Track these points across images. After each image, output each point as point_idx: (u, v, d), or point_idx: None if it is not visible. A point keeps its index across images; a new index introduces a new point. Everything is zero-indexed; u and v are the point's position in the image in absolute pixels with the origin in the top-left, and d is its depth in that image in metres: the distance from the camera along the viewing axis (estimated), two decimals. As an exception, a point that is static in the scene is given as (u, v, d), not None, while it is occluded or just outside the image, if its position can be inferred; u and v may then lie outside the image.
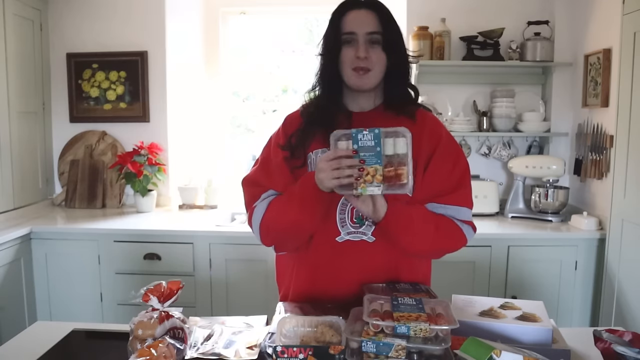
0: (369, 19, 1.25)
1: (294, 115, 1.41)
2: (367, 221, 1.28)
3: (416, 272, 1.37)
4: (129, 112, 3.19)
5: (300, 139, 1.32)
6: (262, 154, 1.42)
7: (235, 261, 2.62)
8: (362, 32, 1.25)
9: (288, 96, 3.68)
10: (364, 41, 1.25)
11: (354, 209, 1.28)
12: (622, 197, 2.39)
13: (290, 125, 1.37)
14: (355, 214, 1.29)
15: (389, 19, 1.28)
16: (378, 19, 1.26)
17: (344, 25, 1.26)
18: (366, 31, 1.25)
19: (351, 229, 1.29)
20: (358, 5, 1.27)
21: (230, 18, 3.50)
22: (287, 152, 1.32)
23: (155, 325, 1.16)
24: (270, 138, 1.43)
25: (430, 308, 1.14)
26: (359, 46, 1.25)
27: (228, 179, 3.45)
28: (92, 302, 2.68)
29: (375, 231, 1.28)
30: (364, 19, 1.25)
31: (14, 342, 1.36)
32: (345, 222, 1.29)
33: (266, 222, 1.31)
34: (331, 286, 1.32)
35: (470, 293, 2.00)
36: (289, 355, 1.06)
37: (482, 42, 2.96)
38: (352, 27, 1.25)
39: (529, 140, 3.15)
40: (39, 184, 3.11)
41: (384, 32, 1.26)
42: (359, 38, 1.25)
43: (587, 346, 1.23)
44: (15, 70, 2.81)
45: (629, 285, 2.33)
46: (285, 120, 1.41)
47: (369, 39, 1.25)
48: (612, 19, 2.54)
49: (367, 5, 1.27)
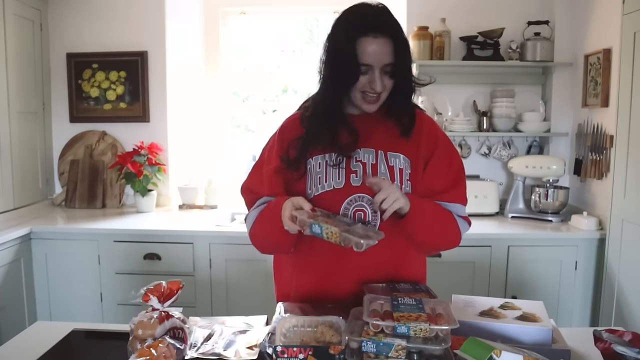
0: (385, 50, 1.23)
1: (292, 120, 1.40)
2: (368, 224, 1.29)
3: (415, 268, 1.40)
4: (129, 112, 3.19)
5: (300, 149, 1.32)
6: (258, 160, 1.43)
7: (235, 261, 2.62)
8: (378, 65, 1.24)
9: (288, 96, 3.68)
10: (380, 73, 1.25)
11: (356, 212, 1.29)
12: (622, 197, 2.39)
13: (288, 133, 1.36)
14: (358, 218, 1.29)
15: (404, 46, 1.26)
16: (393, 48, 1.23)
17: (361, 55, 1.22)
18: (383, 63, 1.24)
19: None
20: (377, 30, 1.22)
21: (230, 18, 3.50)
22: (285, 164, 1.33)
23: (155, 325, 1.16)
24: (266, 144, 1.43)
25: (430, 308, 1.14)
26: (375, 79, 1.24)
27: (228, 179, 3.46)
28: (92, 302, 2.68)
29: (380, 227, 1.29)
30: (382, 50, 1.22)
31: (14, 342, 1.36)
32: None
33: (253, 234, 1.38)
34: (334, 286, 1.32)
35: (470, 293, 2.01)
36: (289, 355, 1.06)
37: (482, 42, 2.96)
38: (370, 60, 1.23)
39: (529, 140, 3.15)
40: (39, 184, 3.11)
41: (397, 62, 1.25)
42: (374, 70, 1.24)
43: (587, 346, 1.24)
44: (15, 70, 2.81)
45: (629, 285, 2.33)
46: (283, 128, 1.40)
47: (383, 70, 1.25)
48: (612, 19, 2.54)
49: (385, 33, 1.23)
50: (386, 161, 1.31)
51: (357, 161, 1.31)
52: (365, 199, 1.29)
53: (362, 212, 1.29)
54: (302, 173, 1.33)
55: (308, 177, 1.33)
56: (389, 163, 1.31)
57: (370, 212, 1.29)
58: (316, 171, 1.32)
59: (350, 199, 1.29)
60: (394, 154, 1.32)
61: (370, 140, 1.32)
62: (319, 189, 1.31)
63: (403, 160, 1.33)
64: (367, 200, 1.29)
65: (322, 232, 1.16)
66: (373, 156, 1.31)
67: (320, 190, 1.31)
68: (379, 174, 1.30)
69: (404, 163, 1.32)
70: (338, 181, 1.30)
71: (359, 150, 1.31)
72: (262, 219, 1.33)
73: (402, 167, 1.32)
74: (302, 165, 1.32)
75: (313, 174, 1.32)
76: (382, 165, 1.31)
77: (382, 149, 1.32)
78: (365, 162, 1.31)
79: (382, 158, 1.31)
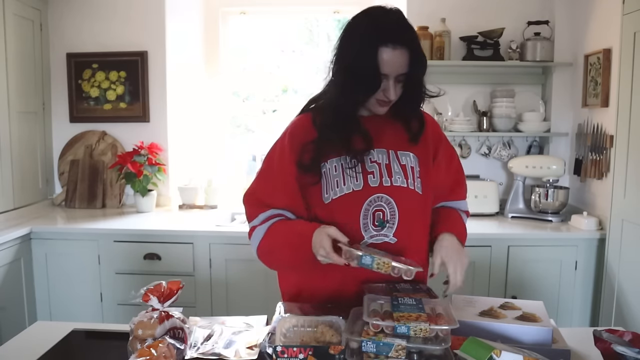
0: (402, 60, 1.23)
1: (302, 123, 1.37)
2: (387, 223, 1.29)
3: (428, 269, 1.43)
4: (129, 112, 3.19)
5: (316, 152, 1.31)
6: (264, 166, 1.40)
7: (235, 261, 2.62)
8: (393, 74, 1.25)
9: (288, 96, 3.68)
10: (394, 82, 1.26)
11: (375, 213, 1.30)
12: (622, 197, 2.39)
13: (300, 136, 1.34)
14: (377, 218, 1.30)
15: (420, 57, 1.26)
16: (409, 58, 1.24)
17: (380, 65, 1.22)
18: (398, 73, 1.25)
19: (374, 232, 1.30)
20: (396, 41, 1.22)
21: (230, 18, 3.50)
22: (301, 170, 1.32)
23: (155, 325, 1.16)
24: (274, 148, 1.39)
25: (430, 308, 1.14)
26: (389, 88, 1.25)
27: (228, 179, 3.46)
28: (92, 302, 2.68)
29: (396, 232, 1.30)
30: (399, 60, 1.23)
31: (14, 342, 1.36)
32: (368, 226, 1.30)
33: (262, 250, 1.36)
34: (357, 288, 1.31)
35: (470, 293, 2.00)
36: (289, 355, 1.06)
37: (482, 42, 2.96)
38: (386, 70, 1.23)
39: (529, 140, 3.15)
40: (39, 184, 3.11)
41: (411, 72, 1.26)
42: (389, 79, 1.25)
43: (587, 346, 1.24)
44: (15, 70, 2.81)
45: (629, 285, 2.33)
46: (293, 131, 1.36)
47: (397, 79, 1.26)
48: (612, 19, 2.54)
49: (404, 44, 1.23)
50: (398, 160, 1.34)
51: (372, 162, 1.32)
52: (384, 199, 1.30)
53: (381, 212, 1.30)
54: (319, 178, 1.32)
55: (323, 182, 1.32)
56: (401, 162, 1.34)
57: (388, 212, 1.30)
58: (332, 174, 1.31)
59: (370, 199, 1.30)
60: (404, 153, 1.35)
61: (381, 140, 1.34)
62: (337, 193, 1.30)
63: (413, 158, 1.36)
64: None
65: (372, 264, 1.16)
66: (386, 156, 1.34)
67: (339, 193, 1.30)
68: (393, 173, 1.32)
69: (413, 161, 1.36)
70: (356, 183, 1.30)
71: (372, 150, 1.33)
72: (284, 245, 1.31)
73: (413, 165, 1.35)
74: (319, 170, 1.32)
75: (329, 177, 1.31)
76: (395, 165, 1.33)
77: (393, 149, 1.35)
78: (380, 163, 1.33)
79: (394, 157, 1.34)
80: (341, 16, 3.42)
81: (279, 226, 1.33)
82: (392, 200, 1.30)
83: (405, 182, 1.32)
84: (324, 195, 1.32)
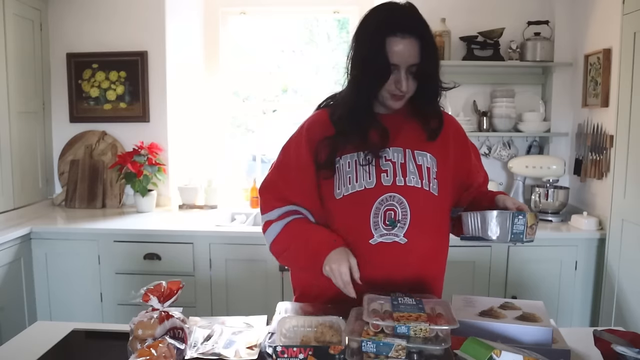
0: (412, 50, 1.23)
1: (319, 119, 1.38)
2: (398, 223, 1.29)
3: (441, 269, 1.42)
4: (129, 112, 3.19)
5: (332, 148, 1.32)
6: (280, 158, 1.41)
7: (235, 261, 2.62)
8: (404, 65, 1.24)
9: (288, 96, 3.68)
10: (405, 73, 1.25)
11: (386, 212, 1.29)
12: (622, 197, 2.39)
13: (317, 132, 1.35)
14: (388, 217, 1.29)
15: (431, 48, 1.26)
16: (419, 48, 1.24)
17: (390, 55, 1.23)
18: (408, 64, 1.24)
19: (384, 231, 1.29)
20: (404, 30, 1.22)
21: (230, 18, 3.50)
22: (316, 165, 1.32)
23: (155, 325, 1.16)
24: (290, 142, 1.40)
25: (430, 308, 1.14)
26: (401, 79, 1.25)
27: (228, 179, 3.46)
28: (92, 302, 2.68)
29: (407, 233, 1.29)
30: (409, 49, 1.22)
31: (14, 342, 1.36)
32: (379, 225, 1.29)
33: (276, 248, 1.37)
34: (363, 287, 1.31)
35: (470, 293, 2.01)
36: (289, 355, 1.06)
37: (482, 42, 2.96)
38: (396, 60, 1.23)
39: (529, 140, 3.15)
40: (39, 184, 3.11)
41: (422, 63, 1.25)
42: (400, 70, 1.25)
43: (587, 346, 1.24)
44: (15, 70, 2.81)
45: (629, 285, 2.33)
46: (310, 127, 1.38)
47: (408, 70, 1.25)
48: (612, 19, 2.54)
49: (413, 33, 1.23)
50: (414, 160, 1.33)
51: (387, 160, 1.31)
52: (396, 198, 1.29)
53: (393, 211, 1.29)
54: (332, 173, 1.32)
55: (336, 177, 1.32)
56: (417, 162, 1.33)
57: (400, 212, 1.29)
58: (346, 170, 1.31)
59: (381, 198, 1.29)
60: (421, 153, 1.34)
61: (398, 139, 1.33)
62: (349, 189, 1.30)
63: (430, 159, 1.34)
64: None
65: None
66: (402, 155, 1.32)
67: (351, 190, 1.30)
68: (407, 173, 1.31)
69: (430, 162, 1.34)
70: (369, 181, 1.30)
71: (387, 149, 1.32)
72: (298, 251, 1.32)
73: (429, 165, 1.34)
74: (333, 165, 1.32)
75: (342, 173, 1.31)
76: (410, 164, 1.32)
77: (410, 148, 1.33)
78: (395, 162, 1.31)
79: (410, 157, 1.33)
80: (341, 16, 3.41)
81: (295, 228, 1.34)
82: (405, 200, 1.29)
83: (419, 183, 1.31)
84: (335, 191, 1.32)
